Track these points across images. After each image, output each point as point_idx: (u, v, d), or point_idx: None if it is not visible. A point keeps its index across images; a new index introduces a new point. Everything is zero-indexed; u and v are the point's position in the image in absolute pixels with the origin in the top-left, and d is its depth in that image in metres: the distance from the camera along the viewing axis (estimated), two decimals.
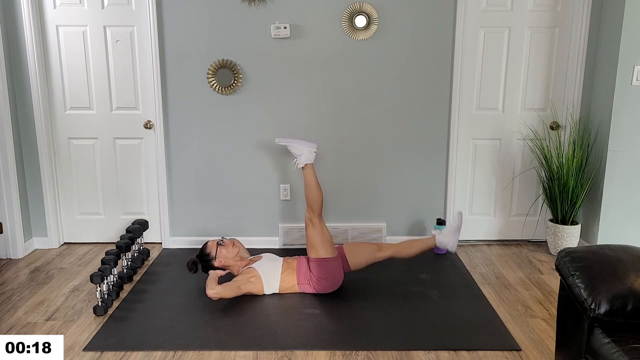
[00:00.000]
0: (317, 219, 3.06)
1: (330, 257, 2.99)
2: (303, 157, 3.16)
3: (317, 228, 3.03)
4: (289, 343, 2.55)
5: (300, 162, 3.17)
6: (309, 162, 3.16)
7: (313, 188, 3.11)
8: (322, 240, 3.01)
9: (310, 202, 3.10)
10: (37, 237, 3.85)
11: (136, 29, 3.61)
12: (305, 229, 3.09)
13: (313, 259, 3.01)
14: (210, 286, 2.86)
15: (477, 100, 3.71)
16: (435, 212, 3.83)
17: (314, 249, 3.01)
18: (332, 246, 3.03)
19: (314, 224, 3.05)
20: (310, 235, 3.04)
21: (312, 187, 3.12)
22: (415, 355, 2.46)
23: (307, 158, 3.16)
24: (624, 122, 3.36)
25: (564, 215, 3.58)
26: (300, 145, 3.16)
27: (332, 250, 3.01)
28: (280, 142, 3.23)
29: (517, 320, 2.78)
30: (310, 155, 3.17)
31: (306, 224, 3.08)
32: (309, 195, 3.11)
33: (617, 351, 1.70)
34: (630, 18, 3.23)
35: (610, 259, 1.92)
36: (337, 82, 3.63)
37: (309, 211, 3.08)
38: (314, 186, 3.12)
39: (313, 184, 3.12)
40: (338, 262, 3.02)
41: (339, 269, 3.02)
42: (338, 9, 3.53)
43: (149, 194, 3.86)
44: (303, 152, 3.16)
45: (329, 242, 3.03)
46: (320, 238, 3.01)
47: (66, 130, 3.77)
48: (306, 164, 3.16)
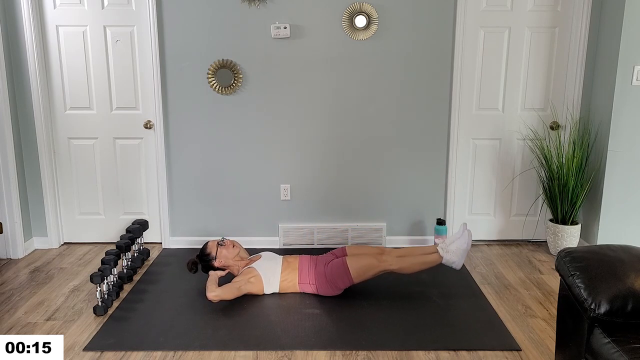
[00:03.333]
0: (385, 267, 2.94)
1: (353, 276, 2.94)
2: (453, 256, 2.94)
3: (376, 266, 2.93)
4: (289, 343, 2.55)
5: (448, 257, 2.94)
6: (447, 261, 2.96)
7: (416, 271, 2.98)
8: (367, 270, 2.92)
9: (403, 269, 2.95)
10: (37, 237, 3.85)
11: (136, 29, 3.61)
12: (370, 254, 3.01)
13: (347, 265, 2.93)
14: (211, 288, 2.85)
15: (477, 100, 3.71)
16: (435, 212, 3.83)
17: (357, 263, 2.92)
18: (361, 278, 2.95)
19: (380, 262, 2.93)
20: (368, 262, 2.93)
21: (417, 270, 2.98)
22: (415, 355, 2.46)
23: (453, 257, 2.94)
24: (624, 122, 3.36)
25: (564, 215, 3.58)
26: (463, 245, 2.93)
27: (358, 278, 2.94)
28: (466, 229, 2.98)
29: (517, 320, 2.78)
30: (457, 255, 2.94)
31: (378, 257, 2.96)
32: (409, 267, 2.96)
33: (617, 351, 1.70)
34: (630, 18, 3.23)
35: (610, 259, 1.92)
36: (337, 82, 3.63)
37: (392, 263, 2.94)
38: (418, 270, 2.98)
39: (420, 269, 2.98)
40: (350, 284, 2.97)
41: (345, 286, 3.00)
42: (338, 9, 3.53)
43: (149, 194, 3.86)
44: (458, 254, 2.93)
45: (364, 275, 2.94)
46: (368, 267, 2.92)
47: (66, 130, 3.77)
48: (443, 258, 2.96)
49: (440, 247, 3.00)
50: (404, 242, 3.85)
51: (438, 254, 2.97)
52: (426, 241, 3.85)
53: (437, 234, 3.70)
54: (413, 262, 2.97)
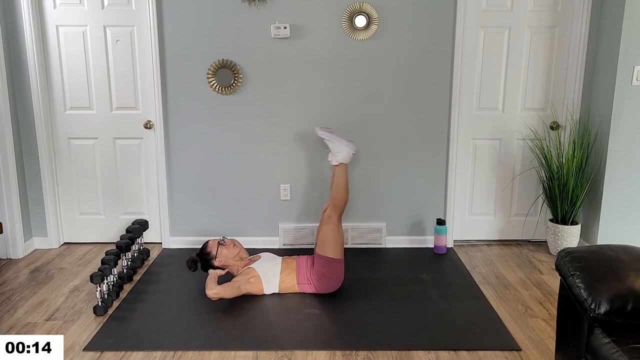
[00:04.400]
0: (337, 218, 3.04)
1: (337, 258, 2.99)
2: (340, 155, 3.13)
3: (334, 227, 3.01)
4: (289, 343, 2.55)
5: (336, 159, 3.14)
6: (344, 162, 3.14)
7: (342, 188, 3.10)
8: (335, 240, 2.99)
9: (335, 200, 3.08)
10: (37, 237, 3.85)
11: (136, 29, 3.61)
12: (321, 225, 3.06)
13: (321, 255, 2.99)
14: (210, 286, 2.86)
15: (477, 100, 3.71)
16: (435, 212, 3.83)
17: (324, 246, 2.99)
18: (342, 248, 3.02)
19: (332, 221, 3.02)
20: (325, 232, 3.01)
21: (341, 186, 3.10)
22: (415, 355, 2.46)
23: (344, 157, 3.14)
24: (624, 122, 3.36)
25: (564, 215, 3.58)
26: (341, 143, 3.15)
27: (340, 252, 3.00)
28: (321, 134, 3.20)
29: (517, 320, 2.78)
30: (348, 155, 3.14)
31: (324, 220, 3.05)
32: (336, 194, 3.09)
33: (617, 351, 1.70)
34: (630, 18, 3.23)
35: (610, 259, 1.92)
36: (337, 82, 3.63)
37: (331, 209, 3.05)
38: (343, 186, 3.10)
39: (343, 184, 3.10)
40: (342, 264, 3.02)
41: (340, 271, 3.02)
42: (338, 9, 3.53)
43: (149, 194, 3.86)
44: (341, 150, 3.14)
45: (341, 244, 3.01)
46: (334, 237, 2.99)
47: (66, 130, 3.77)
48: (341, 163, 3.14)
49: (330, 163, 3.19)
50: (404, 242, 3.85)
51: (333, 166, 3.17)
52: (426, 241, 3.85)
53: (437, 234, 3.71)
54: (334, 190, 3.12)
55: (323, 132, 3.21)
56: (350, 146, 3.15)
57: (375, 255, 3.68)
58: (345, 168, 3.14)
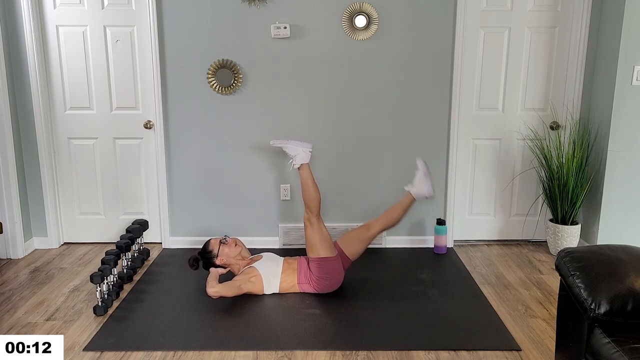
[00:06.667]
0: (316, 219, 3.06)
1: (329, 256, 2.99)
2: (298, 157, 3.15)
3: (315, 228, 3.04)
4: (289, 343, 2.55)
5: (296, 162, 3.16)
6: (304, 162, 3.15)
7: (310, 188, 3.11)
8: (321, 240, 3.01)
9: (307, 202, 3.10)
10: (37, 237, 3.85)
11: (136, 29, 3.61)
12: (304, 230, 3.09)
13: (313, 258, 3.01)
14: (211, 284, 2.86)
15: (477, 100, 3.71)
16: (435, 212, 3.83)
17: (313, 249, 3.01)
18: (331, 245, 3.04)
19: (312, 223, 3.05)
20: (309, 235, 3.04)
21: (308, 187, 3.12)
22: (415, 355, 2.46)
23: (302, 158, 3.15)
24: (624, 122, 3.36)
25: (564, 215, 3.58)
26: (295, 146, 3.16)
27: (331, 250, 3.02)
28: (275, 144, 3.23)
29: (517, 320, 2.78)
30: (306, 155, 3.16)
31: (305, 224, 3.08)
32: (306, 196, 3.12)
33: (617, 351, 1.70)
34: (630, 18, 3.23)
35: (610, 259, 1.92)
36: (337, 82, 3.63)
37: (307, 211, 3.08)
38: (310, 186, 3.12)
39: (310, 184, 3.12)
40: (338, 261, 3.02)
41: (338, 268, 3.02)
42: (338, 9, 3.53)
43: (149, 194, 3.86)
44: (298, 152, 3.15)
45: (328, 242, 3.03)
46: (319, 238, 3.01)
47: (66, 130, 3.77)
48: (302, 164, 3.15)
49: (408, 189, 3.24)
50: (404, 242, 3.85)
51: (409, 193, 3.21)
52: (426, 241, 3.85)
53: (437, 234, 3.71)
54: (392, 211, 3.21)
55: (275, 141, 3.24)
56: (304, 145, 3.16)
57: (375, 255, 3.68)
58: (308, 168, 3.16)
